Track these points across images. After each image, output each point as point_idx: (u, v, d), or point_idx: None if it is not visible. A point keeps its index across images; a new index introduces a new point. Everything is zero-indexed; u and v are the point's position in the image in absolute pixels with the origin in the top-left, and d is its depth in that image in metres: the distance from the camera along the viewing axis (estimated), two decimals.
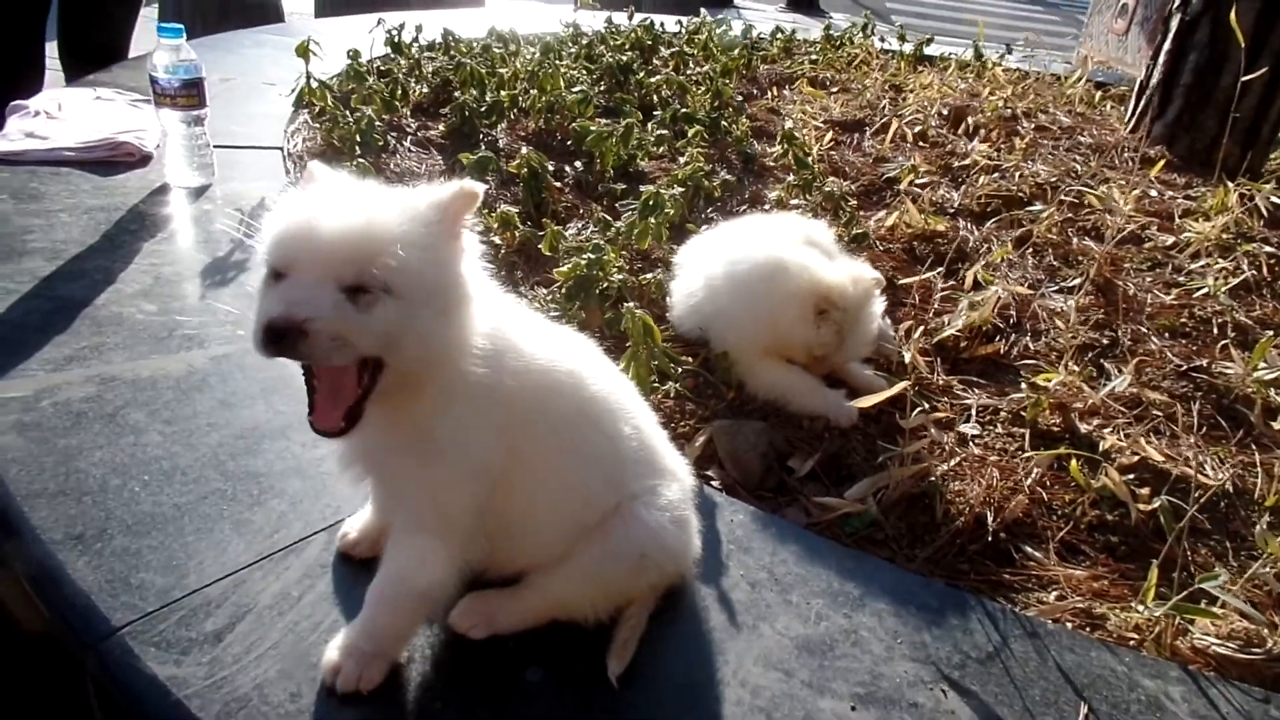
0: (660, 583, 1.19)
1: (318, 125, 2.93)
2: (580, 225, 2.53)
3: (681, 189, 2.68)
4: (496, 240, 2.36)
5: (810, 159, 3.00)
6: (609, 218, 2.38)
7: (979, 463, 1.68)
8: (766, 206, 2.79)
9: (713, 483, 1.59)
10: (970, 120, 3.75)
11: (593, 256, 1.95)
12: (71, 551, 1.20)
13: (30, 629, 1.22)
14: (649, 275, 2.14)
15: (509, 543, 1.11)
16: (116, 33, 3.62)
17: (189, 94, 2.32)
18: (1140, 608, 1.35)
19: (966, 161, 3.24)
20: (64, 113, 2.77)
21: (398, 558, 1.07)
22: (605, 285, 2.01)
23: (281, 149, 2.81)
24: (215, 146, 2.65)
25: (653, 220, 2.18)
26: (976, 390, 1.96)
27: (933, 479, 1.60)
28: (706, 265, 1.94)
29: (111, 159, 2.54)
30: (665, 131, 3.11)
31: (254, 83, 3.44)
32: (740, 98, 3.92)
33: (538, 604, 1.15)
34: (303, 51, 2.80)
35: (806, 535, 1.42)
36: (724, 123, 3.33)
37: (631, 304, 1.70)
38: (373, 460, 1.06)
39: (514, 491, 1.07)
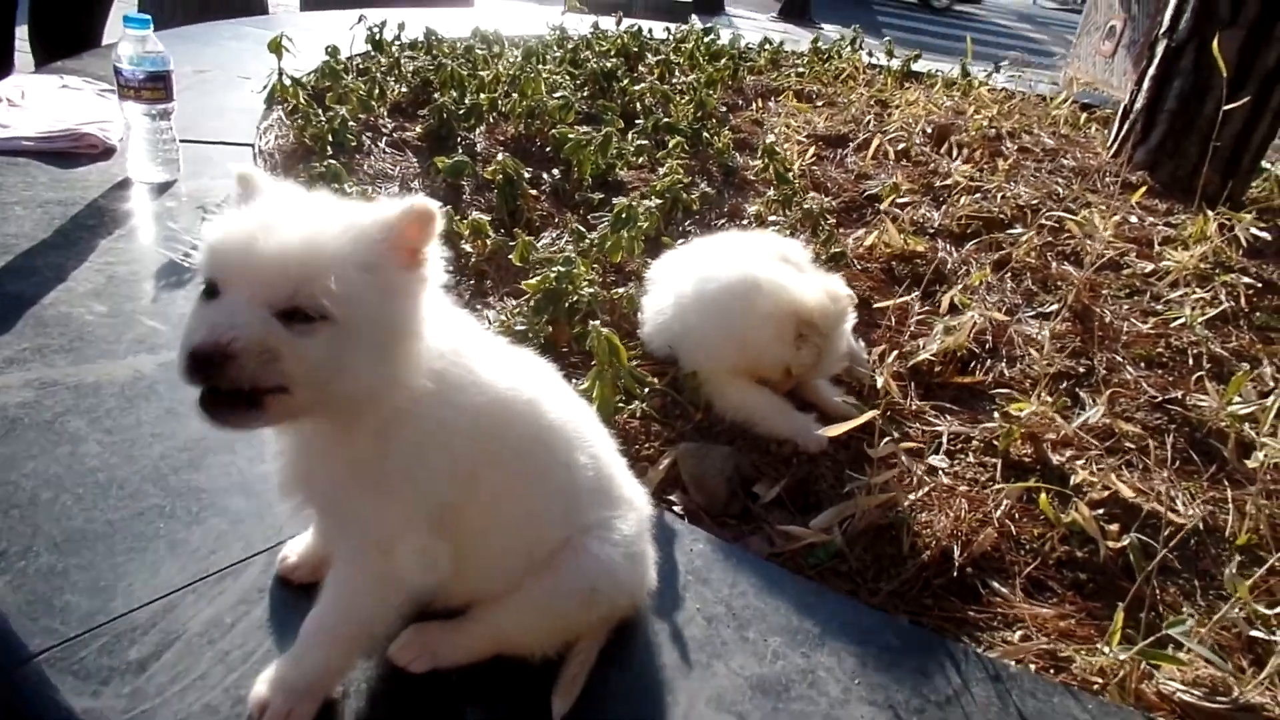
0: (612, 617, 1.14)
1: (290, 123, 2.87)
2: (555, 235, 2.48)
3: (659, 201, 2.64)
4: (467, 248, 2.31)
5: (791, 174, 2.97)
6: (583, 228, 2.33)
7: (948, 493, 1.65)
8: (745, 221, 2.75)
9: (675, 508, 1.54)
10: (954, 139, 3.73)
11: (562, 269, 1.90)
12: None
13: None
14: (621, 290, 2.10)
15: (457, 573, 1.06)
16: (89, 18, 3.54)
17: (154, 87, 2.26)
18: (1106, 649, 1.32)
19: (948, 181, 3.22)
20: (27, 100, 2.70)
21: (338, 589, 1.01)
22: (575, 299, 1.96)
23: (252, 146, 2.75)
24: (185, 141, 2.59)
25: (625, 234, 2.14)
26: (949, 417, 1.92)
27: (900, 510, 1.57)
28: (677, 283, 1.90)
29: (73, 150, 2.47)
30: (646, 141, 3.07)
31: (229, 76, 3.37)
32: (724, 109, 3.89)
33: (482, 637, 1.10)
34: (275, 47, 2.74)
35: (767, 567, 1.38)
36: (706, 134, 3.29)
37: (598, 322, 1.65)
38: (315, 488, 1.00)
39: (466, 521, 1.02)
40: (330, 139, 2.64)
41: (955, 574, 1.47)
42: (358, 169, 2.73)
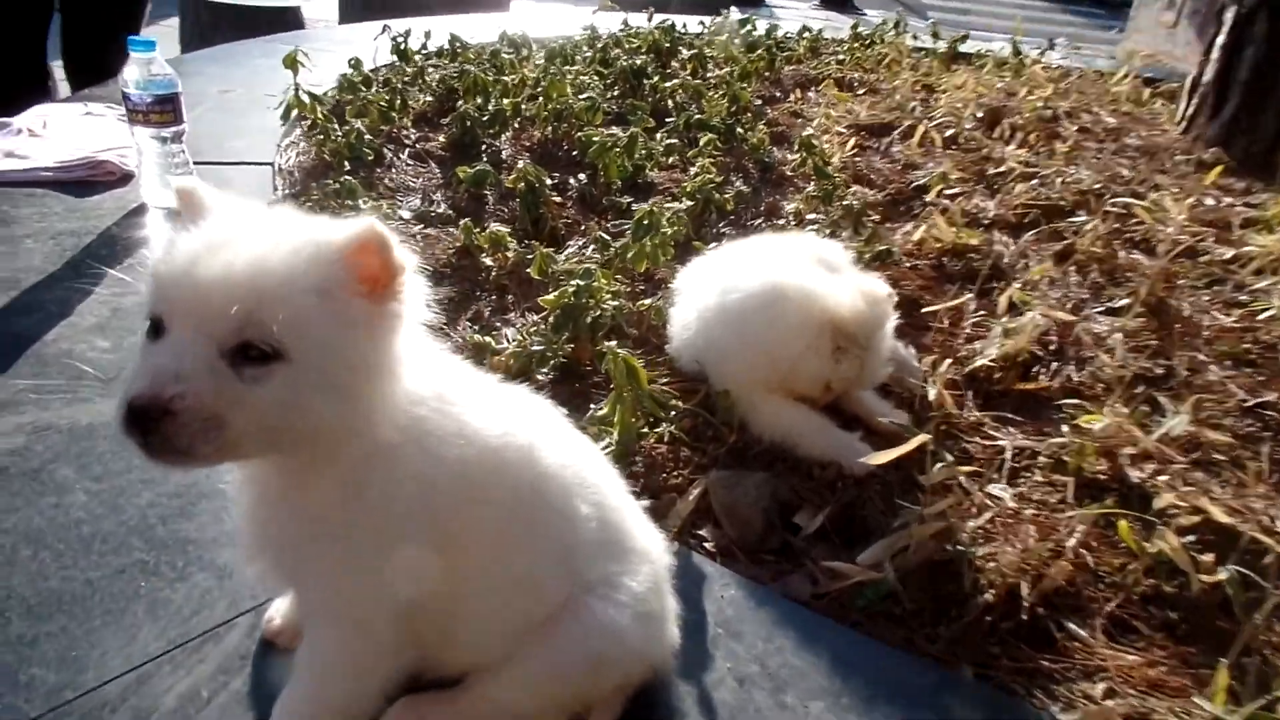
0: (626, 684, 1.01)
1: (310, 139, 2.80)
2: (581, 243, 2.36)
3: (690, 203, 2.50)
4: (488, 261, 2.20)
5: (831, 167, 2.80)
6: (608, 236, 2.20)
7: (1014, 519, 1.48)
8: (783, 220, 2.59)
9: (706, 544, 1.40)
10: (1007, 122, 3.51)
11: (581, 283, 1.78)
12: None
13: None
14: (648, 301, 1.96)
15: (444, 641, 0.94)
16: (117, 45, 3.52)
17: (162, 110, 2.19)
18: (1205, 705, 1.14)
19: (1002, 168, 3.01)
20: (48, 130, 2.67)
21: (308, 664, 0.90)
22: (598, 314, 1.83)
23: (272, 165, 2.68)
24: (204, 163, 2.54)
25: (649, 241, 2.00)
26: (1012, 429, 1.75)
27: (959, 541, 1.40)
28: (700, 293, 1.76)
29: (91, 179, 2.43)
30: (675, 140, 2.92)
31: (256, 95, 3.32)
32: (760, 101, 3.72)
33: (479, 710, 0.97)
34: (290, 63, 2.67)
35: (808, 616, 1.23)
36: (740, 129, 3.14)
37: (613, 343, 1.52)
38: (272, 542, 0.89)
39: (449, 584, 0.90)
40: (347, 154, 2.55)
41: (1025, 615, 1.30)
42: (378, 183, 2.64)
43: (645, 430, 1.53)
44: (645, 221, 2.03)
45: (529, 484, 0.93)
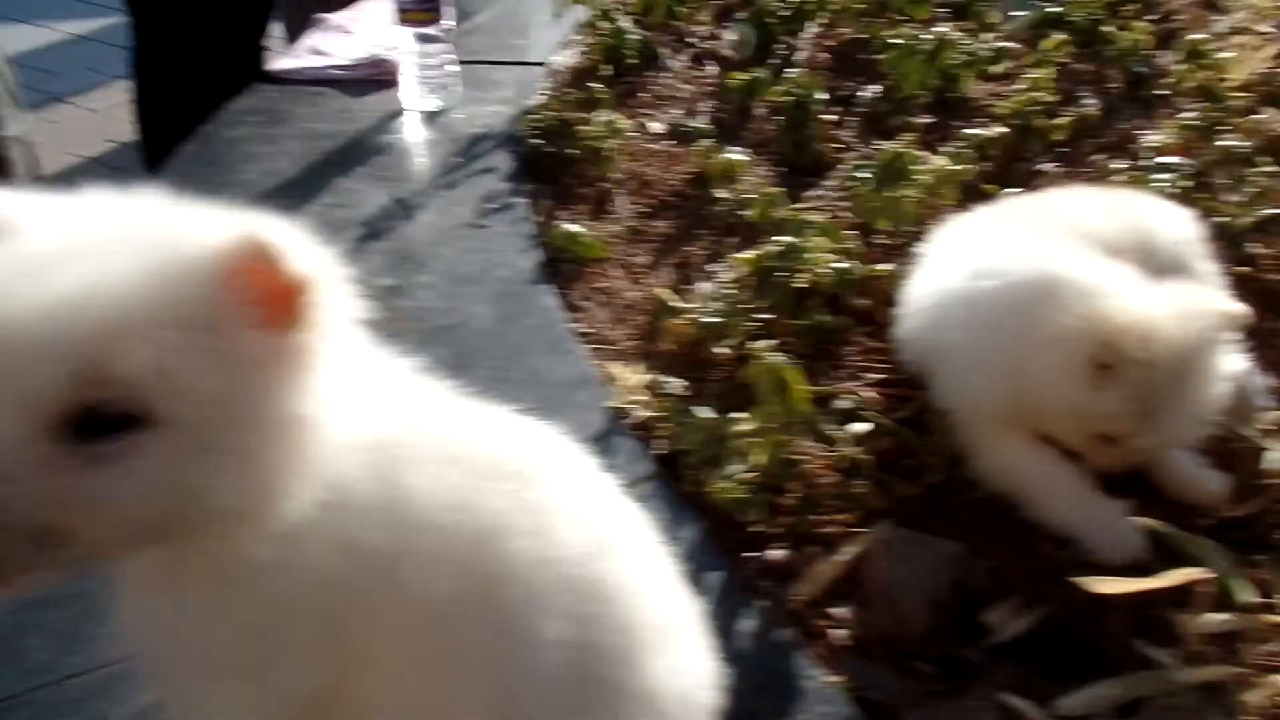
0: None
1: (585, 38, 2.62)
2: (841, 178, 1.94)
3: (1002, 130, 1.95)
4: (723, 194, 1.89)
5: (1227, 83, 2.01)
6: (867, 175, 1.76)
7: None
8: (1128, 161, 1.92)
9: (836, 631, 1.04)
10: None
11: (790, 240, 1.41)
12: None
13: None
14: (887, 265, 1.53)
15: None
16: None
17: (423, 8, 2.13)
18: None
19: None
20: (358, 27, 2.78)
21: None
22: (813, 279, 1.47)
23: (541, 64, 2.55)
24: (475, 62, 2.49)
25: (889, 192, 1.54)
26: None
27: (1239, 710, 0.90)
28: (946, 270, 1.30)
29: (373, 77, 2.47)
30: (1009, 44, 2.29)
31: None
32: None
33: None
34: None
35: None
36: (1110, 25, 2.38)
37: (764, 344, 1.15)
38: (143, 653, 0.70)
39: (343, 702, 0.69)
40: (605, 56, 2.34)
41: None
42: (641, 89, 2.40)
43: (801, 456, 1.17)
44: (891, 165, 1.56)
45: (475, 585, 0.67)
